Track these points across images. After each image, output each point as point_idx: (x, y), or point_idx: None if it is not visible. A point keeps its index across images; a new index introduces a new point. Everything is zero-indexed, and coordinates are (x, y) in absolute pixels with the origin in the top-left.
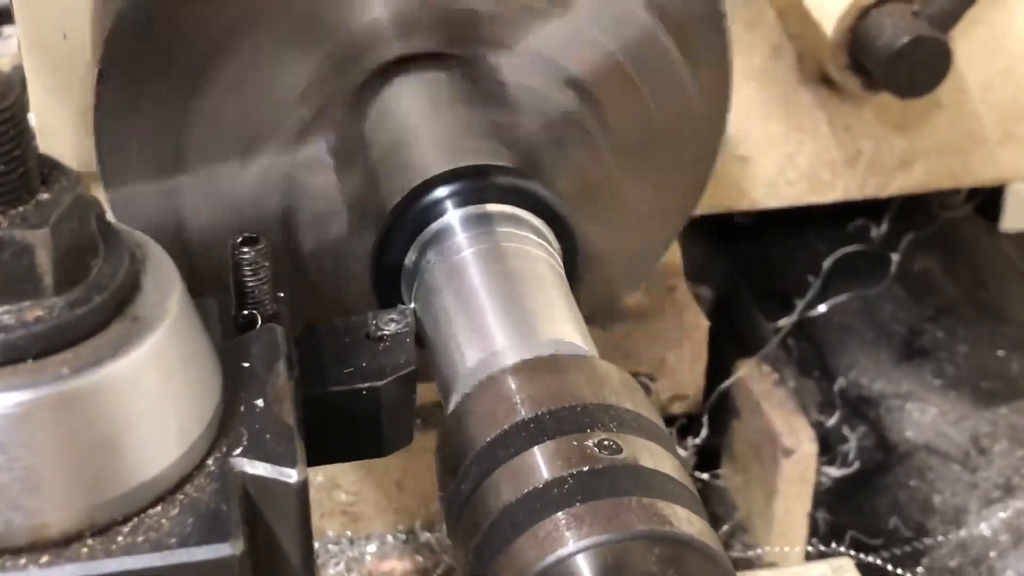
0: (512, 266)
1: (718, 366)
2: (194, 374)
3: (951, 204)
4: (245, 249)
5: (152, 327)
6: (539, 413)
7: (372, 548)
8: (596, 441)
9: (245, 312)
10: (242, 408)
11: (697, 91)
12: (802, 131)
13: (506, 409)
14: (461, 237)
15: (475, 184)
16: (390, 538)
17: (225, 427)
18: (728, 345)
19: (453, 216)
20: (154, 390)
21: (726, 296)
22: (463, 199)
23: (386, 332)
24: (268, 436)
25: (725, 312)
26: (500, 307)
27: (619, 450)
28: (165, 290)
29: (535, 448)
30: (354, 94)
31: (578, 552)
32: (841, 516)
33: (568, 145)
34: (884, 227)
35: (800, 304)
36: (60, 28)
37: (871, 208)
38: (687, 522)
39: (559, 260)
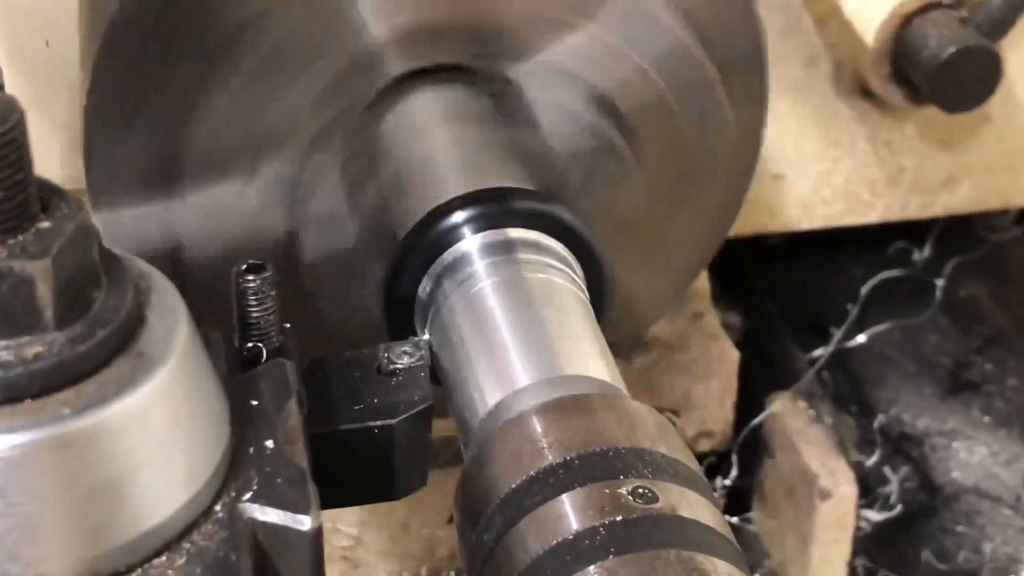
0: (535, 297)
1: (748, 400)
2: (202, 414)
3: (999, 226)
4: (250, 277)
5: (158, 364)
6: (568, 458)
7: None
8: (630, 489)
9: (250, 345)
10: (251, 450)
11: (732, 109)
12: (839, 147)
13: (532, 453)
14: (480, 265)
15: (495, 208)
16: None
17: (233, 470)
18: (758, 377)
19: (471, 242)
20: (161, 431)
21: (756, 324)
22: (482, 224)
23: (399, 366)
24: (279, 480)
25: (755, 341)
26: (523, 341)
27: (655, 498)
28: (171, 324)
29: (564, 496)
30: (366, 108)
31: None
32: (882, 564)
33: (594, 166)
34: (927, 250)
35: (837, 334)
36: (43, 35)
37: (913, 229)
38: None
39: (584, 290)
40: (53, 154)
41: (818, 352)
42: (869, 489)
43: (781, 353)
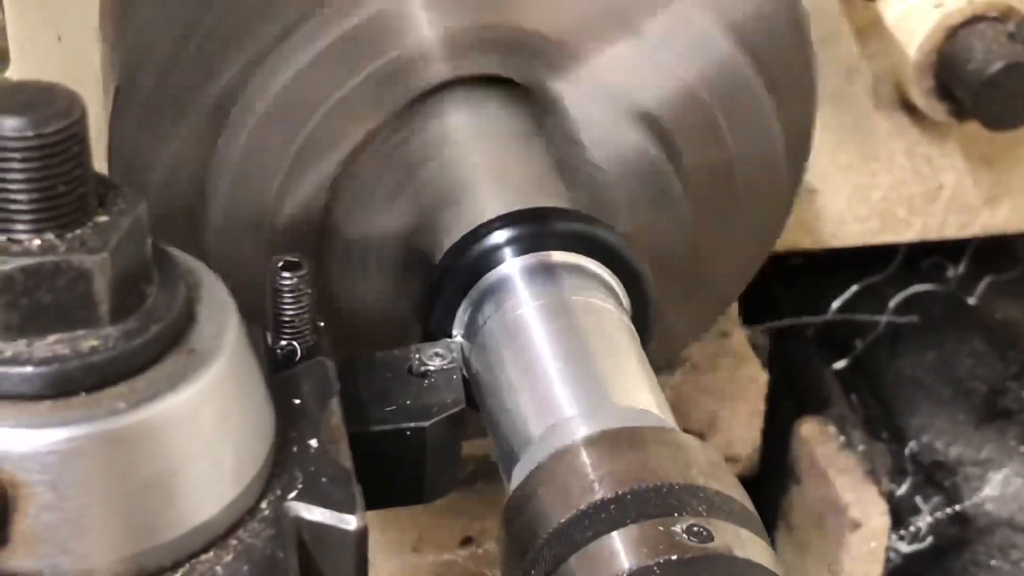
0: (580, 323)
1: (774, 423)
2: (250, 411)
3: None
4: (286, 274)
5: (209, 360)
6: (620, 493)
7: None
8: (684, 527)
9: (283, 343)
10: (295, 448)
11: (780, 128)
12: (876, 161)
13: (582, 487)
14: (522, 289)
15: (537, 229)
16: None
17: (278, 468)
18: (785, 399)
19: (512, 265)
20: (211, 427)
21: (784, 344)
22: (524, 246)
23: (431, 367)
24: (324, 479)
25: (782, 362)
26: (568, 369)
27: (710, 537)
28: (221, 321)
29: (616, 532)
30: (401, 121)
31: None
32: None
33: (637, 185)
34: (962, 267)
35: (862, 344)
36: (55, 30)
37: (948, 246)
38: None
39: (628, 315)
40: None
41: (839, 364)
42: (899, 519)
43: (808, 374)
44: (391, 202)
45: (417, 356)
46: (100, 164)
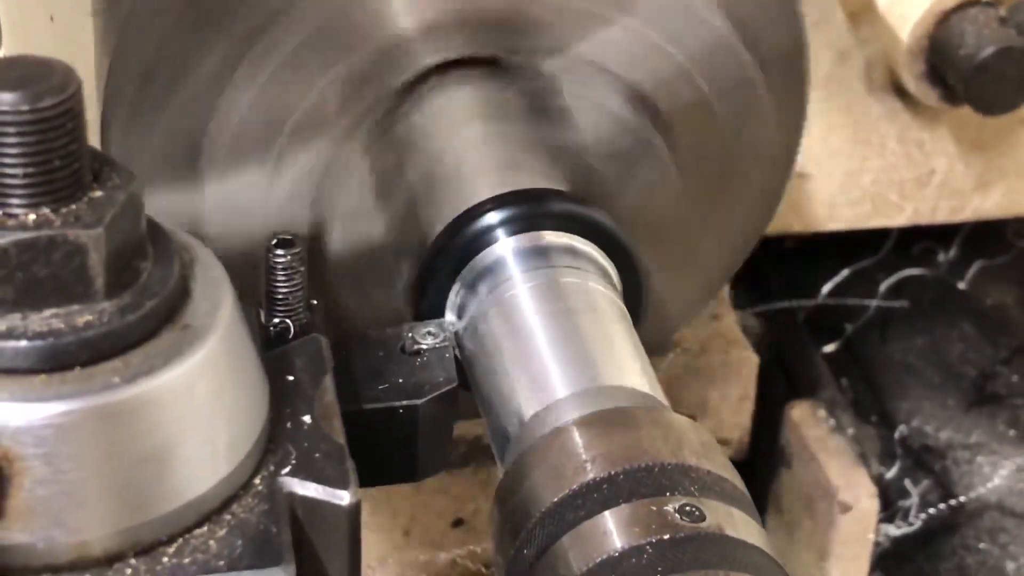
0: (572, 304)
1: (765, 406)
2: (245, 387)
3: None
4: (280, 251)
5: (204, 336)
6: (612, 473)
7: None
8: (677, 506)
9: (276, 321)
10: (288, 424)
11: (773, 109)
12: (868, 146)
13: (574, 467)
14: (515, 270)
15: (530, 210)
16: None
17: (272, 444)
18: (776, 383)
19: (505, 246)
20: (206, 402)
21: (775, 327)
22: (517, 227)
23: (423, 346)
24: (317, 455)
25: (773, 345)
26: (560, 350)
27: (702, 517)
28: (216, 297)
29: (608, 512)
30: (393, 104)
31: None
32: None
33: (630, 166)
34: (952, 252)
35: (850, 329)
36: (47, 10)
37: (939, 230)
38: None
39: (621, 296)
40: None
41: (829, 347)
42: (888, 503)
43: (799, 357)
44: (380, 190)
45: (410, 335)
46: (93, 142)
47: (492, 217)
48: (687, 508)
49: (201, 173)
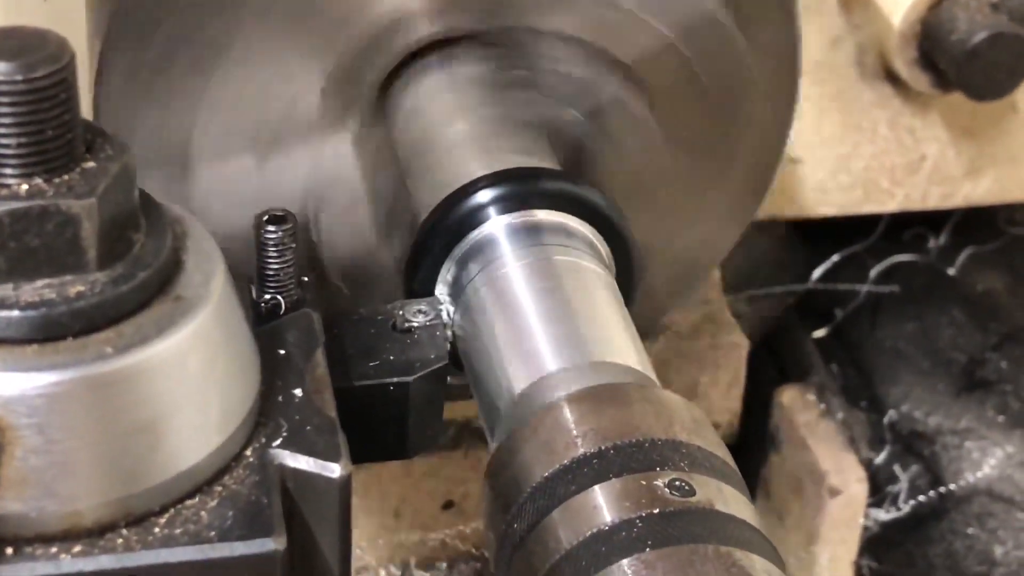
0: (564, 280)
1: (755, 390)
2: (236, 359)
3: (1020, 219)
4: (271, 228)
5: (196, 307)
6: (603, 448)
7: None
8: (667, 481)
9: (267, 297)
10: (280, 398)
11: (762, 82)
12: (859, 132)
13: (566, 442)
14: (507, 247)
15: (521, 188)
16: (383, 572)
17: (263, 417)
18: (766, 367)
19: (497, 224)
20: (198, 374)
21: (765, 312)
22: (508, 205)
23: (414, 324)
24: (308, 428)
25: (763, 329)
26: (552, 326)
27: (692, 492)
28: (208, 269)
29: (599, 486)
30: (382, 83)
31: None
32: (888, 565)
33: (617, 140)
34: (943, 238)
35: (840, 314)
36: None
37: (930, 216)
38: (766, 575)
39: (612, 274)
40: None
41: (819, 332)
42: (877, 488)
43: (789, 342)
44: (370, 172)
45: (401, 312)
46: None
47: (484, 195)
48: (677, 483)
49: (191, 165)
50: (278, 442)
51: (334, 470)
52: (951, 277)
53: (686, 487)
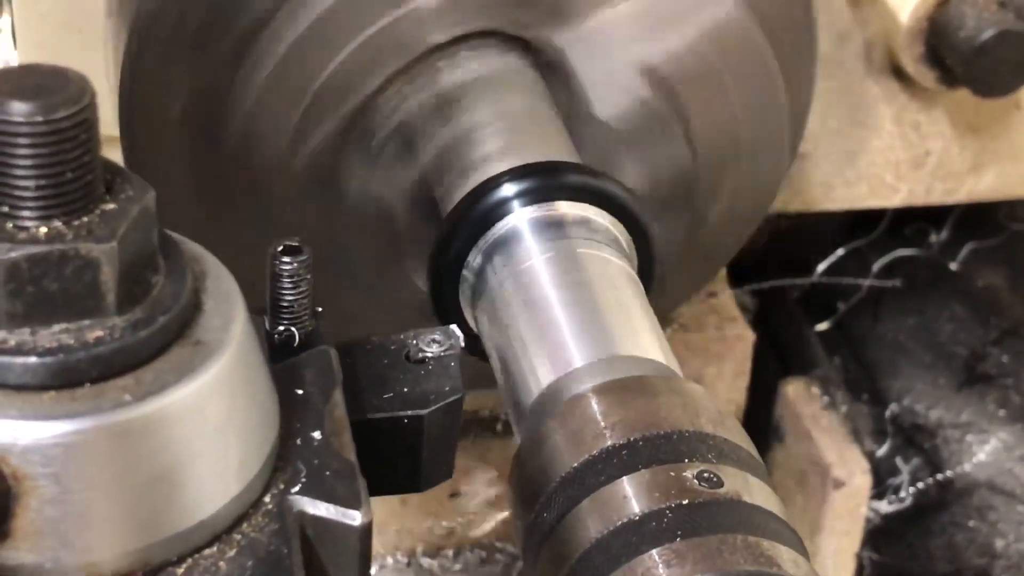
0: (588, 274)
1: (759, 383)
2: (256, 403)
3: (1021, 215)
4: (286, 259)
5: (216, 352)
6: (631, 439)
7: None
8: (695, 473)
9: (281, 328)
10: (298, 441)
11: (784, 87)
12: (865, 127)
13: (594, 434)
14: (531, 240)
15: (545, 182)
16: (390, 560)
17: (281, 461)
18: (770, 359)
19: (521, 216)
20: (217, 420)
21: (770, 304)
22: (532, 198)
23: (428, 354)
24: (328, 473)
25: (767, 322)
26: (577, 320)
27: (720, 483)
28: (228, 311)
29: (627, 477)
30: (408, 78)
31: None
32: (890, 557)
33: (641, 139)
34: (945, 233)
35: (843, 307)
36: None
37: (931, 211)
38: (793, 565)
39: (634, 267)
40: None
41: (821, 325)
42: (879, 480)
43: (793, 334)
44: (397, 158)
45: (414, 342)
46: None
47: (509, 189)
48: (705, 474)
49: (227, 128)
50: (297, 488)
51: (355, 517)
52: (953, 272)
53: (714, 478)
